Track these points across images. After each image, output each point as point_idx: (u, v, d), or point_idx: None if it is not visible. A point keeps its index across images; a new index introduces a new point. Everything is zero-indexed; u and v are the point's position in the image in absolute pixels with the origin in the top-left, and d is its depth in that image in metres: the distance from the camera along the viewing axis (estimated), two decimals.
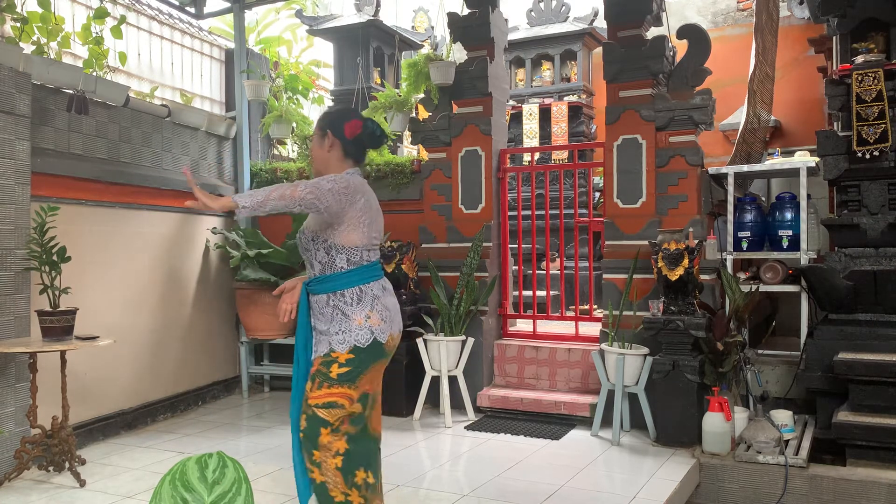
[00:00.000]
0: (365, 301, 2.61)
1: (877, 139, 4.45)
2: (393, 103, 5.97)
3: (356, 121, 2.73)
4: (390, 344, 2.65)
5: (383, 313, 2.63)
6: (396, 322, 2.70)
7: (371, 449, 2.67)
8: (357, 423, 2.60)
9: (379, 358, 2.62)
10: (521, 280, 5.75)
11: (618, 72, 5.05)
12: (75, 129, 4.68)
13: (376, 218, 2.71)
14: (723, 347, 4.39)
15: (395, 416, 5.20)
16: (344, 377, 2.54)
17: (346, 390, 2.54)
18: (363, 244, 2.64)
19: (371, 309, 2.60)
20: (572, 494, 3.67)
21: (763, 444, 4.08)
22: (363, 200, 2.62)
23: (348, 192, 2.57)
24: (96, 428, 4.71)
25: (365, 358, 2.57)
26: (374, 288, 2.65)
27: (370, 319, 2.58)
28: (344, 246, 2.61)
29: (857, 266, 4.50)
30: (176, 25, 6.25)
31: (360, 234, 2.62)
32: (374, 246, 2.70)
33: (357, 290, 2.62)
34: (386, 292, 2.71)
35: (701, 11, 8.46)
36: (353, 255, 2.62)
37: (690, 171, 4.88)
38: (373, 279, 2.66)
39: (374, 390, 2.69)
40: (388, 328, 2.63)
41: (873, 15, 4.73)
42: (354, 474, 2.57)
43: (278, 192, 2.45)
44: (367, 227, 2.63)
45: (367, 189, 2.71)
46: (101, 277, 4.77)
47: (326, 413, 2.54)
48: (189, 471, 1.17)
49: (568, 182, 7.56)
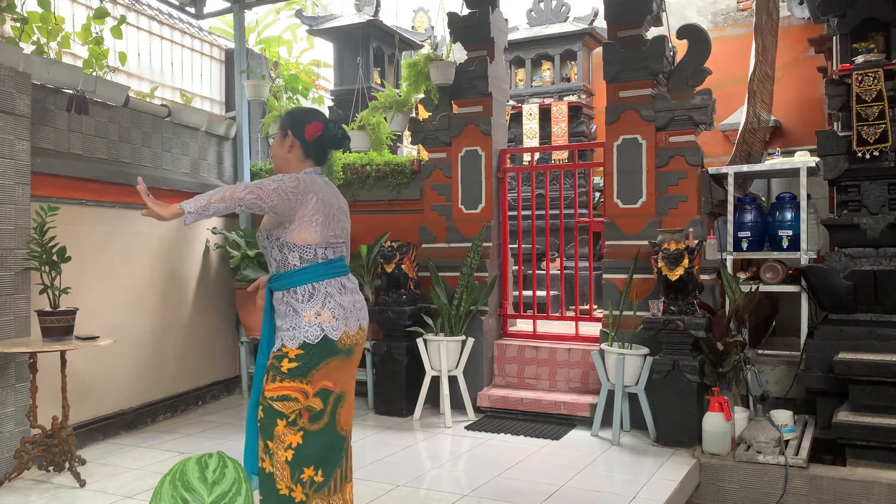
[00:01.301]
0: (316, 298, 2.63)
1: (877, 139, 4.45)
2: (393, 103, 5.97)
3: (317, 123, 2.76)
4: (345, 341, 2.65)
5: (336, 311, 2.63)
6: (353, 320, 2.69)
7: (331, 447, 2.68)
8: (317, 419, 2.62)
9: (332, 355, 2.63)
10: (521, 280, 5.75)
11: (618, 72, 5.05)
12: (75, 129, 4.68)
13: (336, 217, 2.73)
14: (723, 347, 4.39)
15: (395, 416, 5.21)
16: (294, 372, 2.58)
17: (297, 384, 2.58)
18: (317, 242, 2.65)
19: (322, 306, 2.62)
20: (572, 494, 3.67)
21: (763, 444, 4.08)
22: (315, 200, 2.63)
23: (297, 191, 2.59)
24: (96, 428, 4.71)
25: (315, 354, 2.59)
26: (330, 286, 2.66)
27: (320, 317, 2.60)
28: (296, 244, 2.63)
29: (857, 266, 4.50)
30: (176, 25, 6.25)
31: (313, 233, 2.63)
32: (332, 244, 2.71)
33: (309, 287, 2.64)
34: (346, 290, 2.71)
35: (701, 11, 8.46)
36: (306, 253, 2.64)
37: (690, 171, 4.88)
38: (328, 277, 2.67)
39: (340, 388, 2.69)
40: (342, 325, 2.63)
41: (873, 15, 4.73)
42: (302, 471, 2.59)
43: (219, 195, 2.49)
44: (320, 226, 2.65)
45: (325, 189, 2.73)
46: (101, 277, 4.77)
47: (281, 405, 2.58)
48: (189, 471, 1.17)
49: (568, 182, 7.56)
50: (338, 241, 2.73)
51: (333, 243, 2.71)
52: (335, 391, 2.65)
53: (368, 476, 3.93)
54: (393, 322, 5.22)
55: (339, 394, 2.67)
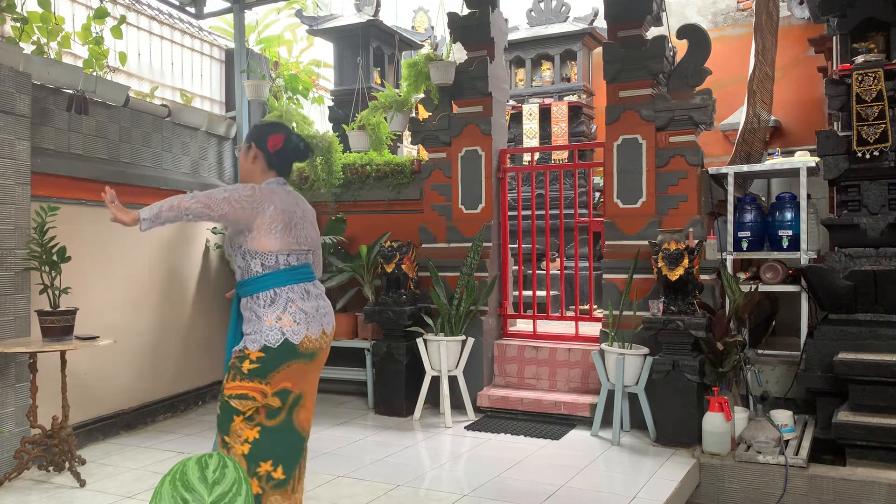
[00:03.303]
0: (278, 303, 2.70)
1: (877, 139, 4.45)
2: (393, 103, 5.97)
3: (279, 135, 2.86)
4: (307, 345, 2.71)
5: (297, 315, 2.70)
6: (316, 325, 2.75)
7: (289, 445, 2.73)
8: (274, 415, 2.68)
9: (293, 358, 2.69)
10: (521, 280, 5.75)
11: (618, 72, 5.05)
12: (75, 129, 4.68)
13: (299, 225, 2.80)
14: (723, 347, 4.39)
15: (395, 416, 5.21)
16: (254, 372, 2.65)
17: (256, 384, 2.64)
18: (277, 249, 2.73)
19: (283, 311, 2.69)
20: (572, 494, 3.67)
21: (763, 444, 4.08)
22: (274, 209, 2.71)
23: (252, 201, 2.68)
24: (96, 428, 4.71)
25: (275, 357, 2.66)
26: (292, 291, 2.74)
27: (281, 321, 2.67)
28: (257, 251, 2.72)
29: (857, 266, 4.50)
30: (176, 25, 6.25)
31: (273, 241, 2.71)
32: (294, 251, 2.78)
33: (271, 292, 2.71)
34: (309, 296, 2.78)
35: (701, 11, 8.46)
36: (268, 260, 2.72)
37: (690, 171, 4.88)
38: (291, 283, 2.75)
39: (300, 389, 2.75)
40: (304, 330, 2.69)
41: (873, 15, 4.73)
42: (259, 465, 2.66)
43: (169, 204, 2.61)
44: (280, 234, 2.72)
45: (287, 198, 2.81)
46: (101, 277, 4.77)
47: (238, 403, 2.65)
48: (189, 471, 1.17)
49: (568, 182, 7.56)
50: (301, 248, 2.81)
51: (296, 250, 2.79)
52: (294, 392, 2.73)
53: (368, 476, 3.93)
54: (393, 322, 5.22)
55: (298, 394, 2.75)
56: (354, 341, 5.75)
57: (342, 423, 5.10)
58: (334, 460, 4.24)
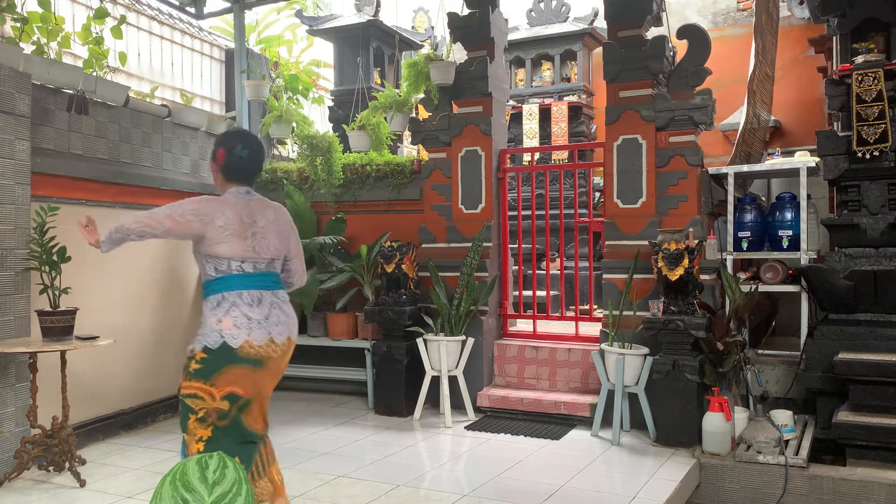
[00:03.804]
0: (222, 307, 2.77)
1: (877, 139, 4.45)
2: (393, 103, 5.98)
3: (221, 148, 2.95)
4: (248, 351, 2.74)
5: (238, 320, 2.75)
6: (261, 332, 2.78)
7: (241, 440, 2.81)
8: (223, 417, 2.76)
9: (234, 362, 2.73)
10: (521, 280, 5.75)
11: (618, 72, 5.05)
12: (75, 129, 4.68)
13: (259, 234, 2.87)
14: (723, 347, 4.39)
15: (395, 416, 5.21)
16: (197, 373, 2.73)
17: (202, 385, 2.72)
18: (230, 256, 2.80)
19: (225, 315, 2.75)
20: (572, 494, 3.67)
21: (763, 444, 4.08)
22: (225, 219, 2.80)
23: (198, 213, 2.79)
24: (96, 428, 4.71)
25: (216, 358, 2.72)
26: (240, 297, 2.79)
27: (221, 323, 2.74)
28: (212, 256, 2.82)
29: (857, 266, 4.50)
30: (176, 25, 6.25)
31: (226, 248, 2.79)
32: (250, 259, 2.84)
33: (219, 296, 2.79)
34: (261, 304, 2.82)
35: (701, 11, 8.46)
36: (220, 265, 2.81)
37: (690, 171, 4.88)
38: (241, 288, 2.81)
39: (250, 395, 2.79)
40: (244, 335, 2.74)
41: (873, 15, 4.74)
42: None
43: (118, 225, 2.77)
44: (232, 242, 2.80)
45: (246, 208, 2.87)
46: (101, 277, 4.77)
47: (191, 402, 2.75)
48: (189, 471, 1.17)
49: (568, 182, 7.56)
50: (259, 256, 2.87)
51: (252, 258, 2.85)
52: (244, 397, 2.78)
53: (368, 476, 3.93)
54: (393, 322, 5.22)
55: (247, 400, 2.80)
56: (354, 341, 5.75)
57: (342, 423, 5.10)
58: (334, 460, 4.24)
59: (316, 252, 5.78)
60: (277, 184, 6.26)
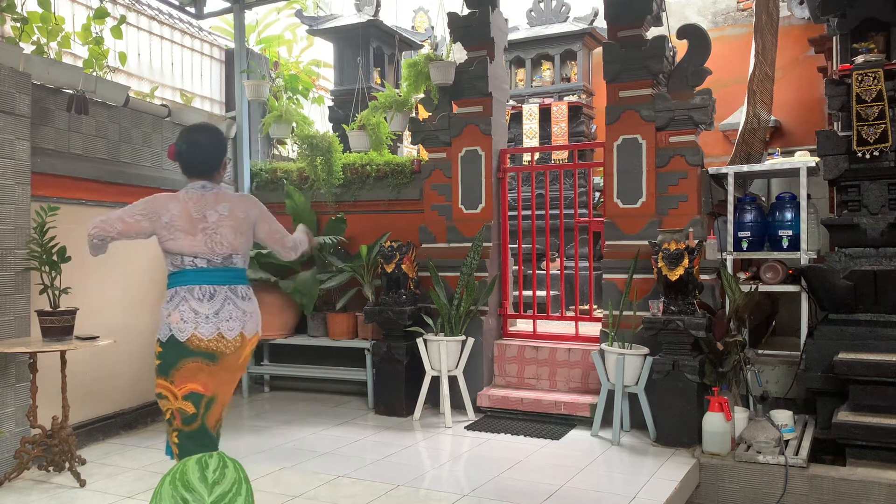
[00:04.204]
0: (174, 300, 2.84)
1: (877, 139, 4.45)
2: (393, 103, 5.97)
3: (172, 145, 3.03)
4: (197, 344, 2.79)
5: (186, 314, 2.80)
6: (209, 326, 2.82)
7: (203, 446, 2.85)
8: (190, 422, 2.81)
9: (186, 355, 2.79)
10: (521, 280, 5.75)
11: (618, 72, 5.05)
12: (75, 129, 4.68)
13: (210, 229, 2.90)
14: (723, 347, 4.39)
15: (395, 416, 5.21)
16: (159, 368, 2.83)
17: (164, 382, 2.81)
18: (182, 251, 2.86)
19: (175, 308, 2.82)
20: (572, 494, 3.67)
21: (763, 444, 4.08)
22: (171, 215, 2.85)
23: (146, 212, 2.86)
24: (96, 428, 4.71)
25: (168, 352, 2.80)
26: (191, 291, 2.84)
27: (170, 317, 2.81)
28: (166, 252, 2.90)
29: (857, 266, 4.50)
30: (176, 25, 6.25)
31: (177, 244, 2.86)
32: (203, 254, 2.88)
33: (173, 290, 2.87)
34: (213, 298, 2.86)
35: (701, 11, 8.46)
36: (175, 260, 2.89)
37: (690, 171, 4.88)
38: (193, 283, 2.86)
39: (212, 392, 2.84)
40: (191, 329, 2.79)
41: (873, 15, 4.74)
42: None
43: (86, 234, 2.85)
44: (181, 238, 2.85)
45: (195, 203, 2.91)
46: (101, 277, 4.77)
47: (160, 403, 2.85)
48: (189, 471, 1.18)
49: (568, 182, 7.56)
50: (213, 252, 2.90)
51: (205, 254, 2.89)
52: (206, 395, 2.83)
53: (368, 476, 3.93)
54: (393, 322, 5.22)
55: (210, 398, 2.85)
56: (354, 341, 5.75)
57: (342, 423, 5.10)
58: (334, 460, 4.24)
59: (316, 252, 5.78)
60: (277, 184, 6.26)
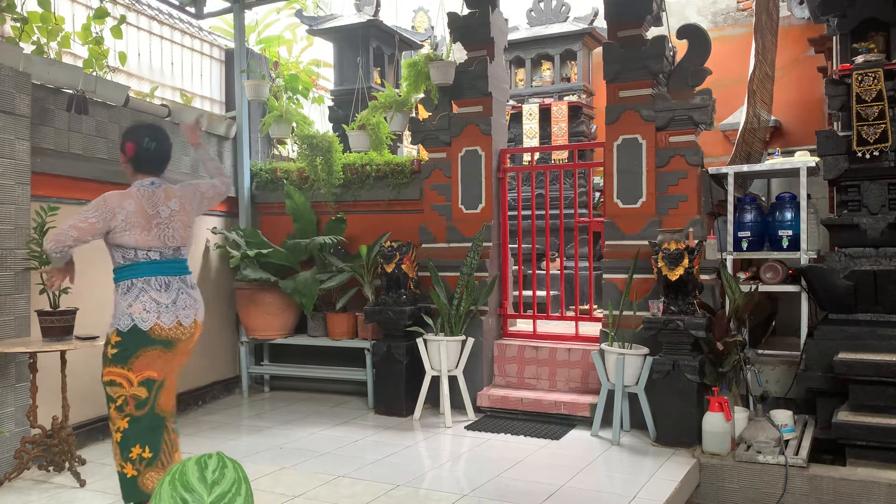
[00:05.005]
0: (132, 292, 3.01)
1: (877, 139, 4.45)
2: (393, 103, 5.97)
3: (131, 143, 3.15)
4: (159, 332, 2.99)
5: (147, 304, 2.99)
6: (169, 315, 3.03)
7: (153, 427, 3.05)
8: (141, 406, 3.00)
9: (147, 344, 2.98)
10: (521, 280, 5.75)
11: (618, 72, 5.05)
12: (75, 129, 4.68)
13: (163, 224, 3.10)
14: (723, 347, 4.39)
15: (395, 416, 5.21)
16: (115, 358, 2.96)
17: (120, 370, 2.96)
18: (137, 245, 3.02)
19: (135, 299, 2.99)
20: (572, 494, 3.67)
21: (763, 444, 4.08)
22: (126, 213, 3.01)
23: (99, 213, 2.99)
24: (96, 428, 4.71)
25: (129, 341, 2.96)
26: (148, 283, 3.03)
27: (131, 308, 2.97)
28: (118, 246, 3.04)
29: (857, 266, 4.50)
30: (176, 25, 6.25)
31: (131, 238, 3.01)
32: (157, 248, 3.08)
33: (128, 282, 3.03)
34: (169, 289, 3.07)
35: (701, 11, 8.46)
36: (128, 254, 3.05)
37: (690, 171, 4.88)
38: (149, 275, 3.05)
39: (162, 377, 3.03)
40: (153, 318, 2.98)
41: (873, 15, 4.74)
42: (130, 450, 3.01)
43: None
44: (136, 233, 3.01)
45: (147, 200, 3.09)
46: (101, 277, 4.75)
47: (111, 390, 2.99)
48: (189, 471, 1.17)
49: (568, 182, 7.56)
50: (165, 245, 3.09)
51: (159, 247, 3.07)
52: (158, 379, 3.01)
53: (368, 476, 3.93)
54: (393, 322, 5.22)
55: (161, 381, 3.03)
56: (354, 341, 5.75)
57: (342, 423, 5.10)
58: (334, 460, 4.24)
59: (316, 252, 5.78)
60: (277, 184, 6.26)
